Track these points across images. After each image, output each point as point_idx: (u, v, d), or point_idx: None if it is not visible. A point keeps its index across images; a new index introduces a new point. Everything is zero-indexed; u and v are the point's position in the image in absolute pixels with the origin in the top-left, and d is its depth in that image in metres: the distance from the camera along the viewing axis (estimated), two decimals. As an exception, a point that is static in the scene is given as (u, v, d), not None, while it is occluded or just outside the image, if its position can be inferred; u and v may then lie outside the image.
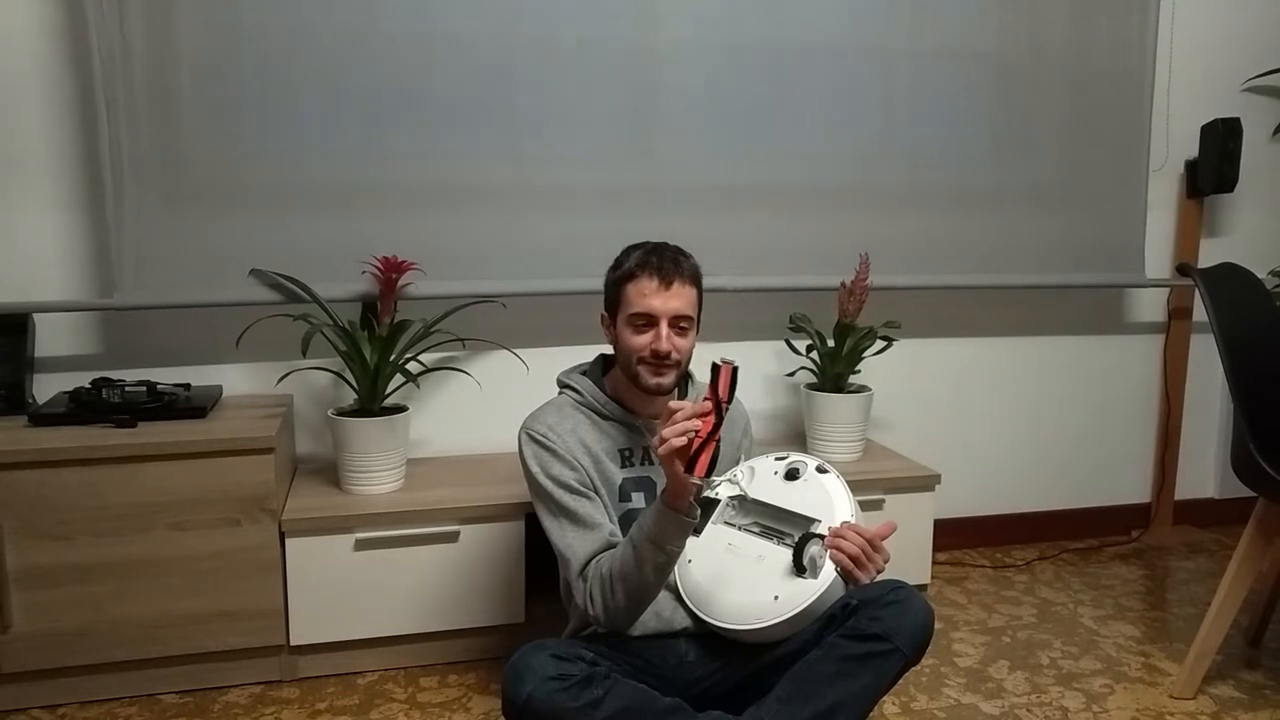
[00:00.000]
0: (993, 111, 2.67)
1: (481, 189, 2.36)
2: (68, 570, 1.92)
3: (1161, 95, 2.82)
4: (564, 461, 1.73)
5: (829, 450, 2.46)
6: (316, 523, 2.03)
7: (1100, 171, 2.76)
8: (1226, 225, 2.98)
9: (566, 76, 2.37)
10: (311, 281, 2.23)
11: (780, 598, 1.63)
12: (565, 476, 1.72)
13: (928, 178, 2.65)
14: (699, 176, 2.49)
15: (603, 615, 1.67)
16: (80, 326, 2.27)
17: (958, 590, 2.60)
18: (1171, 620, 2.42)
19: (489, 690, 2.05)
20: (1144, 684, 2.09)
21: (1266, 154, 2.96)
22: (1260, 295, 2.11)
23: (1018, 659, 2.21)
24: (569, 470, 1.73)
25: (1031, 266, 2.75)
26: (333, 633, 2.08)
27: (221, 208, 2.22)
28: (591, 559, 1.69)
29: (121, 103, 2.12)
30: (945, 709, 1.99)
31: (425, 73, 2.29)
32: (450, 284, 2.34)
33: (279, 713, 1.96)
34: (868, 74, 2.56)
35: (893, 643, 1.56)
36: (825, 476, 1.77)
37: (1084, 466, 3.00)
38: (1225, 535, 3.02)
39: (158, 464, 1.92)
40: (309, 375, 2.36)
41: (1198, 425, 3.07)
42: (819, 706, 1.53)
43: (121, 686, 2.00)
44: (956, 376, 2.85)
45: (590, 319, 2.50)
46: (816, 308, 2.53)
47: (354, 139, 2.27)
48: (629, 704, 1.55)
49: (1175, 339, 2.97)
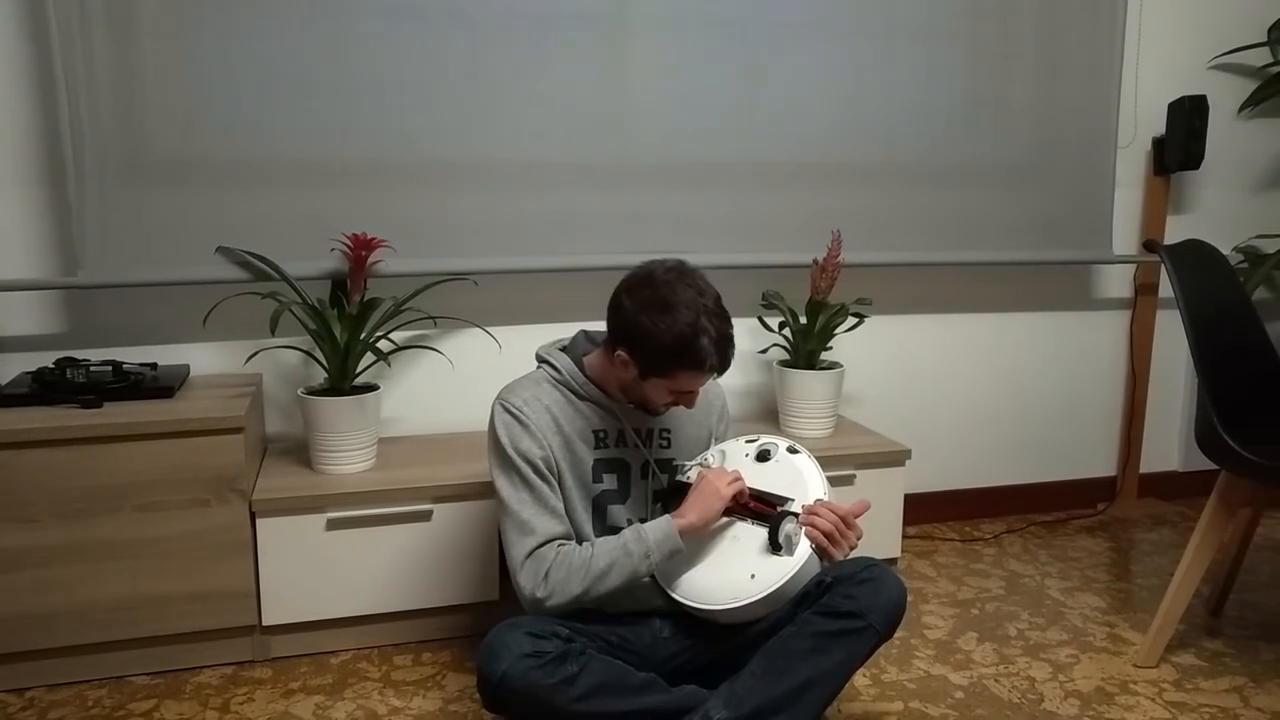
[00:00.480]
0: (962, 89, 2.67)
1: (453, 165, 2.33)
2: (34, 553, 1.89)
3: (1129, 73, 2.84)
4: (534, 439, 1.71)
5: (801, 426, 2.48)
6: (287, 503, 2.02)
7: (1068, 149, 2.78)
8: (1192, 202, 3.02)
9: (537, 51, 2.34)
10: (280, 259, 2.20)
11: (756, 576, 1.64)
12: (533, 454, 1.70)
13: (899, 155, 2.65)
14: (671, 153, 2.47)
15: (544, 599, 1.62)
16: (43, 305, 2.23)
17: (927, 564, 2.63)
18: (1136, 591, 2.46)
19: (463, 668, 2.05)
20: (1109, 653, 2.13)
21: (1232, 131, 2.99)
22: (1225, 271, 2.14)
23: (986, 630, 2.24)
24: (537, 449, 1.71)
25: (1000, 243, 2.77)
26: (305, 612, 2.07)
27: (187, 184, 2.18)
28: (552, 541, 1.66)
29: (81, 76, 2.07)
30: (915, 680, 2.02)
31: (394, 47, 2.25)
32: (421, 261, 2.32)
33: (251, 693, 1.96)
34: (839, 50, 2.56)
35: (866, 620, 1.57)
36: (797, 457, 1.78)
37: (1051, 441, 3.04)
38: (1188, 507, 3.08)
39: (124, 445, 1.90)
40: (278, 354, 2.33)
41: (1162, 400, 3.12)
42: (792, 682, 1.55)
43: (91, 669, 1.99)
44: (926, 353, 2.87)
45: (562, 296, 2.51)
46: (789, 285, 2.54)
47: (322, 114, 2.23)
48: (604, 680, 1.56)
49: (1141, 315, 3.01)
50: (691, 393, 1.72)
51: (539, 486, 1.69)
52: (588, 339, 1.85)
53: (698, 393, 1.74)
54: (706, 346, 1.62)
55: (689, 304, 1.62)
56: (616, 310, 1.69)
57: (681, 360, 1.64)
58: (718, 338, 1.64)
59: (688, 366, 1.64)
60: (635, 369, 1.67)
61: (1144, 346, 3.03)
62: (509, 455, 1.70)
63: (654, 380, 1.68)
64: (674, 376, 1.66)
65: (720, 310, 1.66)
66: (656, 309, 1.62)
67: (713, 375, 1.70)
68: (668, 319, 1.61)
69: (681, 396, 1.73)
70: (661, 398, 1.73)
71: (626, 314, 1.66)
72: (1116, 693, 1.97)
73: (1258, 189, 3.05)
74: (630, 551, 1.64)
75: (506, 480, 1.71)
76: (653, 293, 1.64)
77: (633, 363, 1.67)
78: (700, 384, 1.71)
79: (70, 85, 2.06)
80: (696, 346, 1.62)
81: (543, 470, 1.70)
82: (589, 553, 1.65)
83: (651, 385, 1.69)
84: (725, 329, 1.66)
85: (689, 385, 1.69)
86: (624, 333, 1.67)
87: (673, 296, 1.63)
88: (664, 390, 1.70)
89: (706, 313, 1.63)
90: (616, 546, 1.65)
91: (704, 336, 1.62)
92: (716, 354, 1.64)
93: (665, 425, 1.85)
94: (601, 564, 1.63)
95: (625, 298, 1.67)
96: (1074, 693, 1.97)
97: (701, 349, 1.62)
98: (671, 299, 1.62)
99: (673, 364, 1.64)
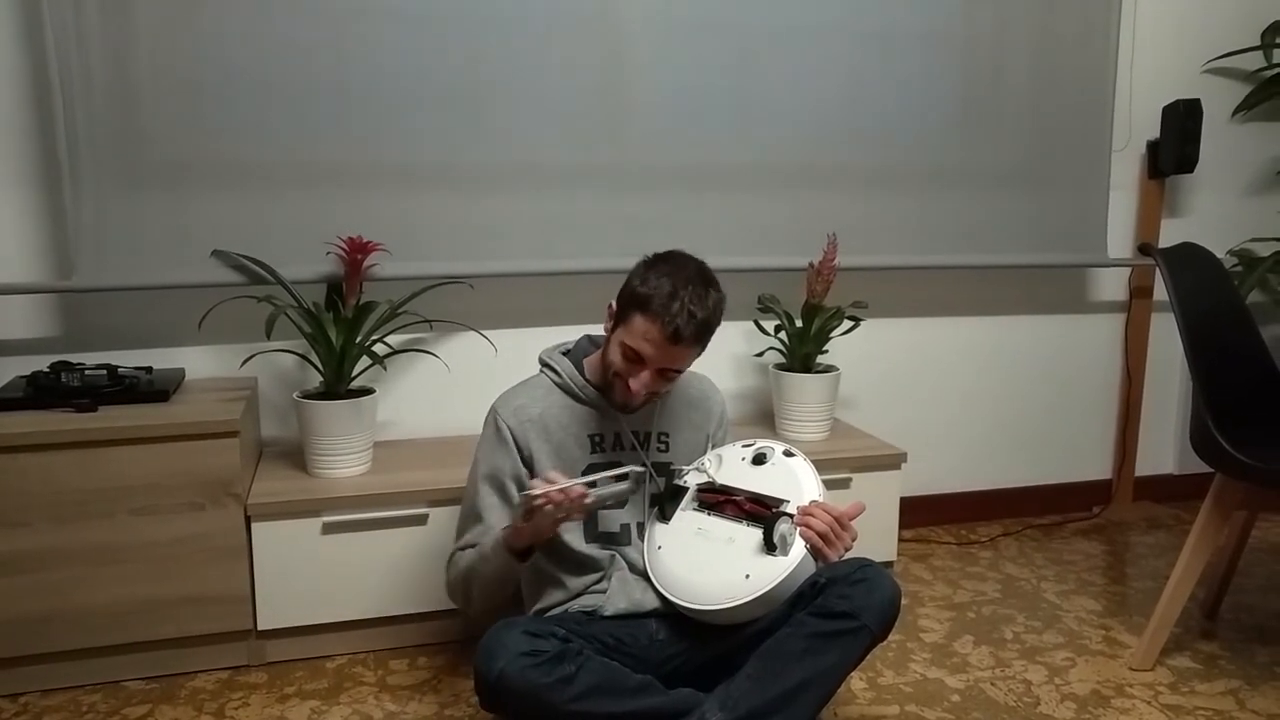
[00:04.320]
0: (958, 93, 2.68)
1: (448, 169, 2.33)
2: (28, 558, 1.88)
3: (1124, 76, 2.85)
4: (509, 457, 1.76)
5: (797, 430, 2.48)
6: (283, 506, 2.01)
7: (1063, 152, 2.79)
8: (1187, 205, 3.02)
9: (534, 55, 2.35)
10: (275, 263, 2.20)
11: (752, 576, 1.64)
12: (501, 472, 1.76)
13: (895, 159, 2.66)
14: (667, 156, 2.48)
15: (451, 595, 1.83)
16: (38, 309, 2.22)
17: (923, 567, 2.63)
18: (1131, 594, 2.47)
19: (459, 672, 2.05)
20: (1104, 656, 2.13)
21: (1226, 135, 3.00)
22: (1219, 274, 2.15)
23: (982, 634, 2.24)
24: (509, 467, 1.76)
25: (995, 246, 2.77)
26: (300, 617, 2.06)
27: (182, 188, 2.18)
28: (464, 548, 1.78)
29: (77, 78, 2.07)
30: (911, 683, 2.01)
31: (390, 51, 2.25)
32: (417, 265, 2.32)
33: (247, 698, 1.95)
34: (835, 54, 2.56)
35: (860, 620, 1.57)
36: (792, 460, 1.78)
37: (1047, 444, 3.04)
38: (1184, 510, 3.08)
39: (119, 449, 1.89)
40: (274, 358, 2.33)
41: (1157, 403, 3.12)
42: (787, 683, 1.54)
43: (85, 674, 1.98)
44: (922, 356, 2.87)
45: (558, 299, 2.51)
46: (785, 288, 2.54)
47: (318, 117, 2.23)
48: (601, 680, 1.56)
49: (1136, 318, 3.01)
50: (641, 361, 1.68)
51: (488, 503, 1.77)
52: (591, 342, 1.85)
53: (650, 372, 1.69)
54: (661, 293, 1.65)
55: (679, 270, 1.69)
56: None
57: (638, 305, 1.67)
58: (679, 283, 1.66)
59: (640, 308, 1.66)
60: (610, 321, 1.75)
61: (1139, 349, 3.03)
62: (479, 464, 1.81)
63: (617, 334, 1.71)
64: (629, 325, 1.68)
65: (705, 291, 1.69)
66: (651, 264, 1.72)
67: (665, 337, 1.64)
68: (652, 272, 1.69)
69: (634, 363, 1.69)
70: (617, 364, 1.71)
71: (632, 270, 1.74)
72: (1112, 696, 1.97)
73: (1252, 192, 3.06)
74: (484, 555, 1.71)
75: (471, 481, 1.82)
76: (663, 256, 1.73)
77: (610, 315, 1.75)
78: (648, 349, 1.66)
79: (65, 88, 2.06)
80: (660, 298, 1.65)
81: (506, 487, 1.77)
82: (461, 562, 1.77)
83: (613, 343, 1.72)
84: (696, 303, 1.66)
85: (637, 344, 1.66)
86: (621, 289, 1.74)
87: (671, 262, 1.71)
88: (620, 348, 1.69)
89: (689, 281, 1.68)
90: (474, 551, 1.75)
91: (675, 300, 1.65)
92: (668, 298, 1.64)
93: (663, 429, 1.85)
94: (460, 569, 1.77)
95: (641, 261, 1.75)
96: (1070, 696, 1.97)
97: (663, 302, 1.64)
98: (669, 263, 1.71)
99: (631, 308, 1.68)
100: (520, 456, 1.77)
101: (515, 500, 1.73)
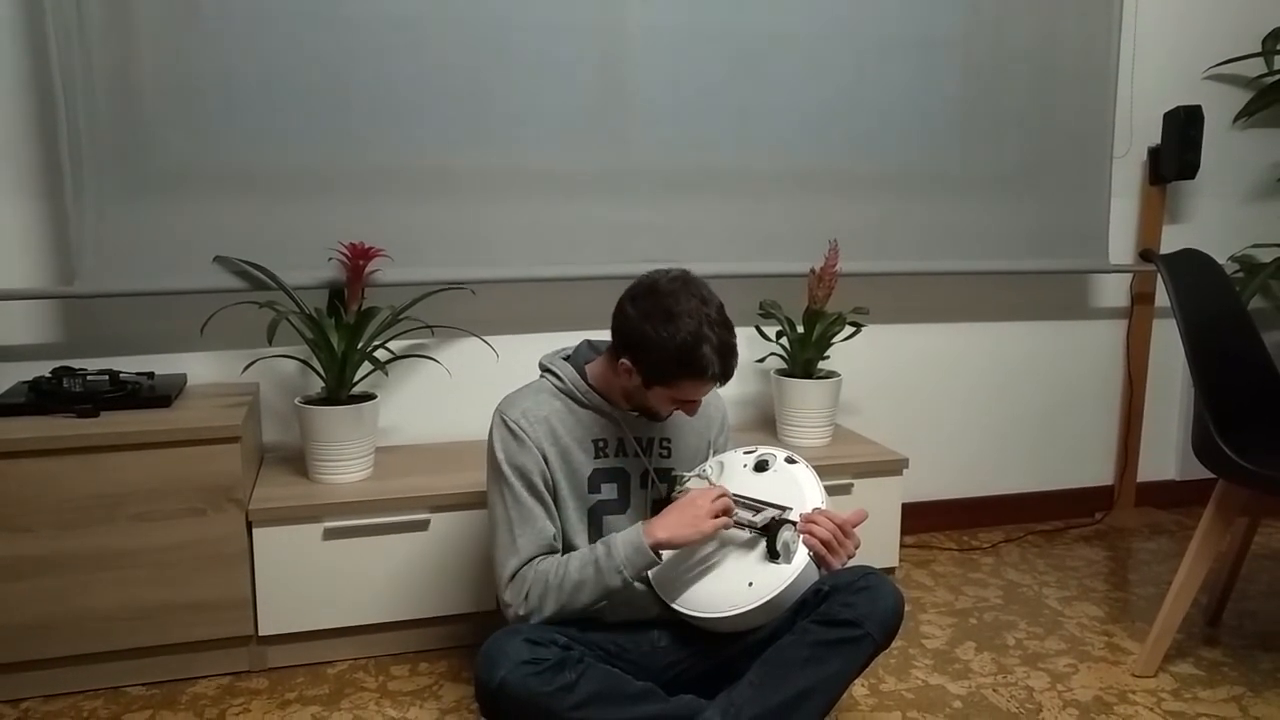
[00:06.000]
0: (959, 99, 2.68)
1: (449, 175, 2.34)
2: (29, 563, 1.88)
3: (1125, 83, 2.85)
4: (530, 454, 1.71)
5: (799, 436, 2.48)
6: (284, 512, 2.01)
7: (1064, 158, 2.79)
8: (1188, 211, 3.02)
9: (534, 62, 2.35)
10: (277, 268, 2.20)
11: (754, 583, 1.64)
12: (528, 470, 1.71)
13: (896, 165, 2.66)
14: (669, 163, 2.48)
15: (527, 616, 1.66)
16: (40, 315, 2.22)
17: (925, 573, 2.63)
18: (1134, 600, 2.46)
19: (460, 678, 2.04)
20: (1107, 663, 2.13)
21: (1227, 141, 3.00)
22: (1220, 281, 2.15)
23: (984, 640, 2.24)
24: (533, 463, 1.71)
25: (997, 252, 2.77)
26: (302, 622, 2.06)
27: (185, 194, 2.18)
28: (532, 560, 1.68)
29: (79, 84, 2.07)
30: (913, 690, 2.01)
31: (391, 58, 2.26)
32: (419, 270, 2.32)
33: (248, 703, 1.95)
34: (836, 60, 2.57)
35: (864, 629, 1.57)
36: (794, 467, 1.78)
37: (1049, 450, 3.04)
38: (1186, 516, 3.08)
39: (121, 454, 1.89)
40: (275, 363, 2.33)
41: (1159, 409, 3.12)
42: (790, 692, 1.54)
43: (87, 679, 1.98)
44: (924, 362, 2.87)
45: (560, 305, 2.51)
46: (786, 294, 2.54)
47: (320, 124, 2.23)
48: (602, 688, 1.56)
49: (1138, 324, 3.01)
50: (694, 401, 1.72)
51: (528, 503, 1.70)
52: (591, 348, 1.85)
53: (700, 400, 1.74)
54: (709, 355, 1.62)
55: (692, 313, 1.62)
56: (621, 319, 1.69)
57: (684, 369, 1.63)
58: (720, 346, 1.63)
59: (690, 375, 1.64)
60: (639, 377, 1.67)
61: (1140, 356, 3.03)
62: (503, 470, 1.71)
63: (657, 389, 1.68)
64: (677, 385, 1.66)
65: (723, 319, 1.66)
66: (660, 318, 1.62)
67: (715, 384, 1.69)
68: (671, 328, 1.61)
69: (684, 405, 1.73)
70: (665, 406, 1.73)
71: (630, 323, 1.66)
72: (1115, 702, 1.96)
73: (1253, 198, 3.06)
74: (601, 568, 1.64)
75: (498, 493, 1.72)
76: (656, 301, 1.64)
77: (636, 371, 1.67)
78: (703, 393, 1.71)
79: (68, 94, 2.06)
80: (699, 355, 1.61)
81: (536, 485, 1.71)
82: (563, 570, 1.65)
83: (655, 394, 1.69)
84: (728, 338, 1.66)
85: (692, 394, 1.69)
86: (627, 341, 1.67)
87: (676, 306, 1.62)
88: (667, 399, 1.70)
89: (709, 322, 1.63)
90: (588, 562, 1.65)
91: (706, 345, 1.62)
92: (719, 363, 1.64)
93: (666, 435, 1.85)
94: (573, 581, 1.64)
95: (629, 306, 1.67)
96: (1072, 702, 1.96)
97: (704, 358, 1.62)
98: (675, 308, 1.62)
99: (675, 373, 1.64)
100: (540, 454, 1.73)
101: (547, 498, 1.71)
